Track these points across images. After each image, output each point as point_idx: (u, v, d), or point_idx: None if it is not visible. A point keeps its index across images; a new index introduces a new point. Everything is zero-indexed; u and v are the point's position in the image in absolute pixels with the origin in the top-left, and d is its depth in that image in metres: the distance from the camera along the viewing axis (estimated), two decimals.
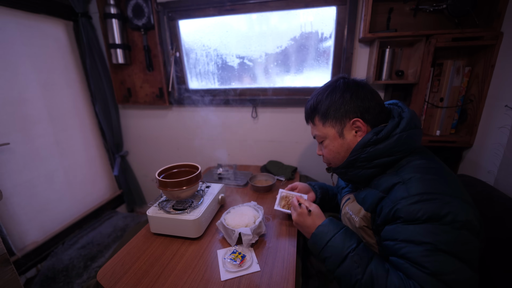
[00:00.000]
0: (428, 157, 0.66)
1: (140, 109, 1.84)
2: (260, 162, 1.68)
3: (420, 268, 0.52)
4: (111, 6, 1.53)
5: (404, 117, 0.67)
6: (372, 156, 0.66)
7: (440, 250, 0.51)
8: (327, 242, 0.65)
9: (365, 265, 0.58)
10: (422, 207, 0.54)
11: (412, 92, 1.28)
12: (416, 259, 0.53)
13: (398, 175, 0.62)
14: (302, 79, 1.54)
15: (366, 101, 0.70)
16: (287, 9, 1.41)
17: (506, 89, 1.00)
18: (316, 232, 0.70)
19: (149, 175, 2.04)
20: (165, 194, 0.93)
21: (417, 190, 0.56)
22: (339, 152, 0.74)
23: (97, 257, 1.48)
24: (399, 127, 0.65)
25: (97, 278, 0.75)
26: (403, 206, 0.56)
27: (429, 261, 0.51)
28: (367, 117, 0.70)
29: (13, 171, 1.35)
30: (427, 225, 0.53)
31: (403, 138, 0.64)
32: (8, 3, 1.29)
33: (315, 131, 0.78)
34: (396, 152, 0.65)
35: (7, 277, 0.74)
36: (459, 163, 1.28)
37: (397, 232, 0.57)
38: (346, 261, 0.61)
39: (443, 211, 0.52)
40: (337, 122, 0.72)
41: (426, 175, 0.59)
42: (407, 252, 0.54)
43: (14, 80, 1.35)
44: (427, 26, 1.20)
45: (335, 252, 0.63)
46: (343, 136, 0.73)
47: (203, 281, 0.72)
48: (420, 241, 0.53)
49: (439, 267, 0.50)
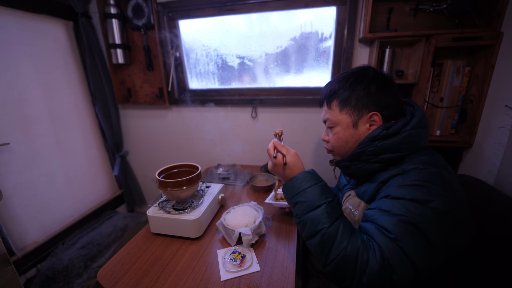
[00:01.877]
0: (433, 154, 0.67)
1: (140, 109, 1.84)
2: (260, 162, 1.68)
3: (384, 231, 0.54)
4: (111, 6, 1.53)
5: (416, 115, 0.67)
6: (379, 150, 0.67)
7: (411, 224, 0.53)
8: (306, 188, 0.65)
9: (335, 218, 0.60)
10: (411, 190, 0.56)
11: (412, 92, 1.28)
12: (384, 224, 0.55)
13: (400, 168, 0.64)
14: (302, 79, 1.54)
15: (390, 97, 0.69)
16: (287, 9, 1.41)
17: (506, 89, 1.00)
18: (298, 176, 0.68)
19: (149, 175, 2.04)
20: (165, 194, 0.93)
21: (412, 178, 0.58)
22: (348, 142, 0.74)
23: (97, 257, 1.48)
24: (410, 124, 0.66)
25: (97, 278, 0.75)
26: (394, 189, 0.59)
27: (395, 228, 0.53)
28: (386, 113, 0.70)
29: (13, 171, 1.35)
30: (409, 203, 0.55)
31: (412, 136, 0.65)
32: (8, 3, 1.29)
33: (329, 115, 0.76)
34: (403, 149, 0.65)
35: (7, 277, 0.74)
36: (459, 163, 1.28)
37: (379, 203, 0.60)
38: (319, 209, 0.62)
39: (429, 198, 0.54)
40: (355, 112, 0.71)
41: (427, 166, 0.60)
42: (378, 218, 0.57)
43: (14, 80, 1.35)
44: (427, 26, 1.20)
45: (310, 199, 0.64)
46: (357, 126, 0.72)
47: (203, 281, 0.72)
48: (396, 213, 0.55)
49: (402, 236, 0.52)
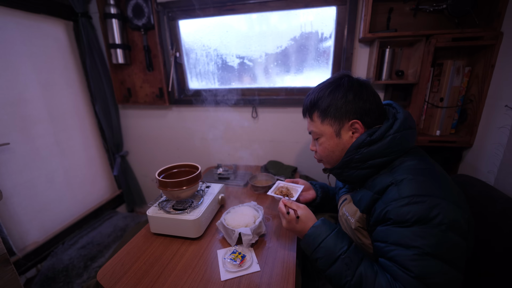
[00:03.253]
0: (421, 157, 0.67)
1: (140, 109, 1.84)
2: (260, 162, 1.68)
3: (406, 271, 0.54)
4: (111, 6, 1.53)
5: (398, 118, 0.67)
6: (366, 157, 0.67)
7: (426, 254, 0.53)
8: (320, 243, 0.66)
9: (355, 267, 0.60)
10: (411, 210, 0.55)
11: (412, 92, 1.28)
12: (403, 263, 0.54)
13: (392, 176, 0.63)
14: (302, 79, 1.54)
15: (368, 103, 0.69)
16: (287, 9, 1.41)
17: (506, 89, 1.00)
18: (309, 233, 0.69)
19: (149, 175, 2.04)
20: (165, 194, 0.93)
21: (408, 192, 0.57)
22: (334, 151, 0.75)
23: (97, 257, 1.48)
24: (393, 128, 0.66)
25: (97, 278, 0.75)
26: (393, 208, 0.58)
27: (414, 265, 0.53)
28: (366, 119, 0.70)
29: (13, 171, 1.35)
30: (415, 228, 0.55)
31: (396, 139, 0.65)
32: (8, 3, 1.29)
33: (312, 127, 0.78)
34: (390, 153, 0.65)
35: (7, 277, 0.74)
36: (459, 163, 1.28)
37: (387, 234, 0.59)
38: (337, 262, 0.62)
39: (431, 213, 0.54)
40: (336, 122, 0.72)
41: (417, 176, 0.60)
42: (395, 255, 0.56)
43: (14, 80, 1.35)
44: (427, 26, 1.20)
45: (327, 254, 0.64)
46: (340, 136, 0.72)
47: (203, 281, 0.72)
48: (408, 244, 0.54)
49: (424, 271, 0.52)
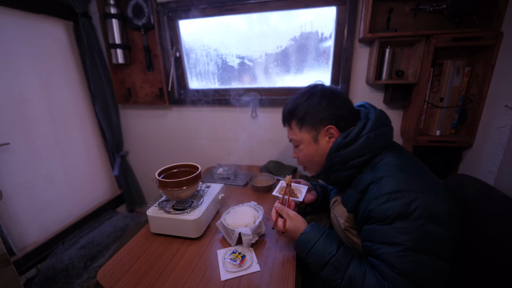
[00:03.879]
0: (399, 153, 0.69)
1: (140, 109, 1.84)
2: (260, 162, 1.68)
3: (392, 269, 0.56)
4: (111, 6, 1.53)
5: (370, 118, 0.71)
6: (345, 158, 0.71)
7: (409, 249, 0.54)
8: (310, 249, 0.68)
9: (344, 269, 0.62)
10: (391, 206, 0.57)
11: (412, 92, 1.28)
12: (388, 260, 0.57)
13: (373, 174, 0.66)
14: (302, 79, 1.54)
15: (341, 109, 0.74)
16: (287, 9, 1.41)
17: (506, 89, 1.00)
18: (298, 240, 0.71)
19: (149, 175, 2.04)
20: (165, 194, 0.93)
21: (387, 189, 0.60)
22: (314, 157, 0.79)
23: (97, 257, 1.48)
24: (366, 128, 0.70)
25: (97, 278, 0.75)
26: (374, 206, 0.60)
27: (399, 262, 0.55)
28: (341, 124, 0.74)
29: (13, 171, 1.35)
30: (396, 224, 0.57)
31: (371, 138, 0.68)
32: (8, 3, 1.29)
33: (291, 135, 0.82)
34: (367, 152, 0.69)
35: (7, 277, 0.74)
36: (459, 163, 1.28)
37: (372, 233, 0.61)
38: (327, 267, 0.64)
39: (409, 208, 0.56)
40: (313, 128, 0.76)
41: (396, 173, 0.62)
42: (381, 253, 0.58)
43: (15, 80, 1.35)
44: (427, 26, 1.20)
45: (317, 259, 0.66)
46: (318, 141, 0.77)
47: (203, 281, 0.72)
48: (392, 242, 0.56)
49: (408, 267, 0.54)
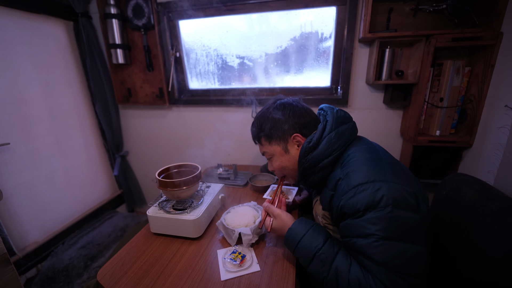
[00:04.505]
0: (364, 146, 0.72)
1: (140, 109, 1.84)
2: (260, 162, 1.68)
3: (370, 260, 0.57)
4: (111, 6, 1.53)
5: (328, 119, 0.74)
6: (314, 162, 0.73)
7: (382, 238, 0.56)
8: (297, 244, 0.69)
9: (330, 262, 0.63)
10: (359, 199, 0.59)
11: (412, 92, 1.28)
12: (365, 252, 0.58)
13: (341, 169, 0.68)
14: (302, 79, 1.54)
15: (302, 118, 0.78)
16: (287, 9, 1.41)
17: (506, 89, 1.00)
18: (286, 236, 0.73)
19: (149, 175, 2.04)
20: (165, 194, 0.93)
21: (353, 183, 0.62)
22: (288, 166, 0.82)
23: (97, 257, 1.48)
24: (326, 130, 0.73)
25: (97, 278, 0.75)
26: (345, 201, 0.62)
27: (375, 253, 0.56)
28: (305, 131, 0.78)
29: (14, 171, 1.35)
30: (366, 216, 0.58)
31: (332, 138, 0.71)
32: (8, 3, 1.29)
33: (264, 149, 0.86)
34: (332, 151, 0.72)
35: (7, 277, 0.74)
36: (459, 163, 1.28)
37: (348, 228, 0.63)
38: (314, 260, 0.65)
39: (375, 198, 0.58)
40: (281, 140, 0.80)
41: (360, 166, 0.65)
42: (359, 247, 0.59)
43: (15, 80, 1.35)
44: (427, 26, 1.20)
45: (304, 253, 0.67)
46: (288, 151, 0.80)
47: (203, 281, 0.72)
48: (365, 234, 0.58)
49: (384, 256, 0.55)
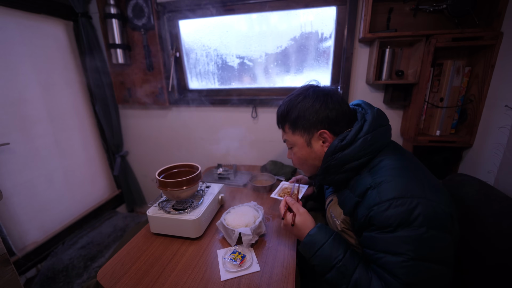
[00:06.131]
0: (398, 154, 0.67)
1: (140, 109, 1.84)
2: (260, 162, 1.68)
3: (396, 278, 0.55)
4: (111, 6, 1.53)
5: (367, 119, 0.68)
6: (342, 161, 0.68)
7: (412, 259, 0.53)
8: (316, 252, 0.67)
9: (350, 275, 0.61)
10: (392, 214, 0.56)
11: (412, 92, 1.28)
12: (392, 270, 0.55)
13: (371, 176, 0.63)
14: (302, 79, 1.53)
15: (334, 112, 0.71)
16: (287, 9, 1.41)
17: (506, 89, 1.00)
18: (305, 241, 0.70)
19: (149, 175, 2.04)
20: (165, 194, 0.93)
21: (387, 195, 0.57)
22: (307, 160, 0.78)
23: (97, 257, 1.48)
24: (363, 130, 0.67)
25: (97, 278, 0.75)
26: (375, 213, 0.58)
27: (403, 272, 0.54)
28: (335, 128, 0.72)
29: (13, 171, 1.35)
30: (398, 233, 0.55)
31: (368, 140, 0.65)
32: (8, 3, 1.29)
33: (286, 137, 0.81)
34: (364, 154, 0.66)
35: (7, 277, 0.74)
36: (459, 163, 1.28)
37: (374, 241, 0.59)
38: (333, 271, 0.63)
39: (411, 216, 0.54)
40: (305, 132, 0.74)
41: (396, 177, 0.60)
42: (385, 263, 0.57)
43: (14, 80, 1.35)
44: (427, 26, 1.20)
45: (323, 262, 0.65)
46: (311, 145, 0.75)
47: (203, 281, 0.72)
48: (395, 251, 0.55)
49: (412, 277, 0.53)
